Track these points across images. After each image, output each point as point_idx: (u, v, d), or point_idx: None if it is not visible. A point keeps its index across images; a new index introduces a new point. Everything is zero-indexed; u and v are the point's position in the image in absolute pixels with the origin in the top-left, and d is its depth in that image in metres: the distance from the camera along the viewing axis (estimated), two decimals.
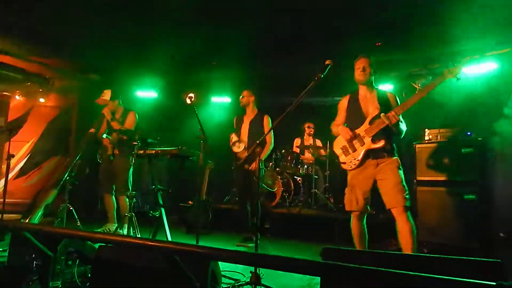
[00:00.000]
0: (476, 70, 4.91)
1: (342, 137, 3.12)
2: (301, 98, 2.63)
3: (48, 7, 4.28)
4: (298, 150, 6.55)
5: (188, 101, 3.81)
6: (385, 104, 2.94)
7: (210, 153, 3.97)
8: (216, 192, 6.34)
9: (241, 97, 4.55)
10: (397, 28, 4.56)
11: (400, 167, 2.89)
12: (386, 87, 5.94)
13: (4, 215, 4.49)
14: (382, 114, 2.83)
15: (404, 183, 2.83)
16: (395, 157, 2.91)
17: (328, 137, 6.50)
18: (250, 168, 4.25)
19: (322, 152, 6.39)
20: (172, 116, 7.21)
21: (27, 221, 3.65)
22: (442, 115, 4.80)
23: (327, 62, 2.64)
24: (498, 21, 4.03)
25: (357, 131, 3.01)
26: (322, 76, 2.62)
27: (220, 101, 7.26)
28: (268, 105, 4.60)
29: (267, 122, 4.42)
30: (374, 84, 3.11)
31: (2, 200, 4.38)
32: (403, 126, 2.91)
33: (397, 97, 3.05)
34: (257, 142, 2.96)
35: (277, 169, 6.21)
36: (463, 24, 3.92)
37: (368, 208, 3.00)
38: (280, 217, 5.33)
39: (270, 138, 4.40)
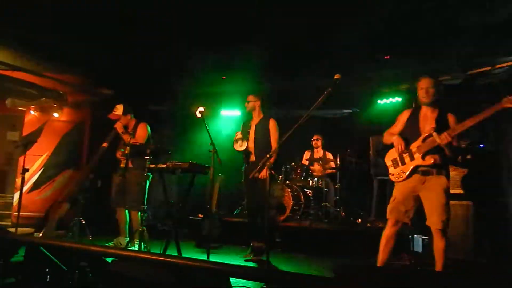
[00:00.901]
0: (487, 81, 4.89)
1: (394, 148, 3.19)
2: (311, 112, 2.65)
3: (63, 26, 4.42)
4: (307, 163, 6.53)
5: (199, 114, 3.85)
6: (442, 125, 2.95)
7: (220, 166, 3.99)
8: (226, 205, 6.34)
9: (246, 102, 4.52)
10: (405, 40, 4.58)
11: (447, 188, 2.93)
12: (395, 99, 5.93)
13: (18, 229, 4.55)
14: (434, 133, 2.88)
15: (448, 205, 2.91)
16: (443, 177, 2.95)
17: (338, 150, 6.49)
18: (259, 176, 4.19)
19: (332, 164, 6.36)
20: (183, 130, 7.28)
21: (40, 234, 3.70)
22: None
23: (336, 77, 2.67)
24: (508, 33, 4.03)
25: (410, 146, 3.08)
26: (331, 90, 2.64)
27: (230, 115, 7.33)
28: (278, 119, 4.59)
29: (274, 126, 4.40)
30: (437, 104, 3.09)
31: (16, 213, 4.44)
32: (457, 149, 2.94)
33: (456, 119, 3.00)
34: (267, 155, 2.98)
35: (287, 182, 6.18)
36: (472, 36, 3.92)
37: (410, 222, 3.08)
38: (290, 231, 5.29)
39: (276, 144, 4.35)
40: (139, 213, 4.20)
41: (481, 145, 3.96)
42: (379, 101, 6.17)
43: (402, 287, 1.20)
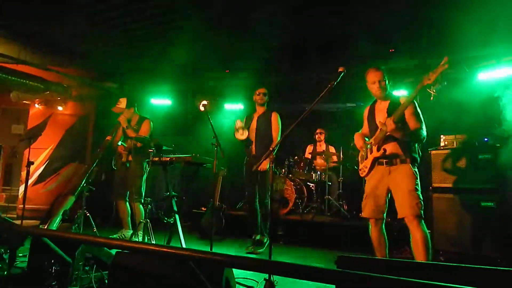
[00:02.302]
0: (492, 76, 4.85)
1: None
2: (314, 105, 2.64)
3: (67, 19, 4.42)
4: (310, 157, 6.53)
5: (202, 108, 3.86)
6: (394, 111, 2.87)
7: (223, 159, 4.00)
8: (229, 198, 6.37)
9: (263, 93, 4.44)
10: (410, 33, 4.54)
11: (414, 174, 2.84)
12: (400, 93, 5.89)
13: (23, 221, 4.60)
14: (380, 122, 2.87)
15: (417, 192, 2.78)
16: (408, 164, 2.85)
17: (341, 143, 6.48)
18: (260, 168, 4.20)
19: (335, 158, 6.35)
20: (186, 123, 7.30)
21: (46, 227, 3.74)
22: (458, 121, 4.72)
23: (340, 70, 2.64)
24: None
25: (371, 140, 3.09)
26: (335, 83, 2.63)
27: (233, 108, 7.32)
28: (281, 112, 4.59)
29: (276, 119, 4.41)
30: (388, 93, 3.05)
31: (21, 206, 4.49)
32: (410, 132, 2.86)
33: (406, 97, 2.92)
34: (270, 149, 2.97)
35: (290, 175, 6.20)
36: (478, 29, 3.88)
37: (384, 215, 2.99)
38: (293, 224, 5.31)
39: (277, 138, 4.32)
40: (141, 205, 4.24)
41: (485, 139, 3.93)
42: None
43: (404, 279, 1.21)
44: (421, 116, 2.91)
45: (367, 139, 3.26)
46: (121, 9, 4.19)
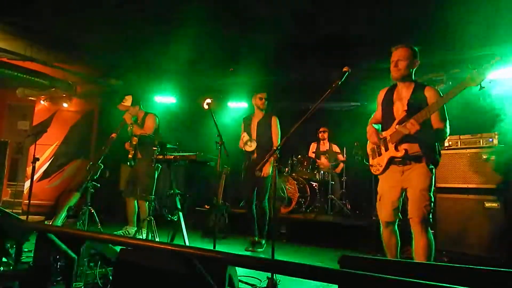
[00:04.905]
0: (499, 75, 4.80)
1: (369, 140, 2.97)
2: (318, 105, 2.62)
3: (72, 16, 4.44)
4: (314, 156, 6.53)
5: (206, 106, 3.87)
6: (416, 105, 2.58)
7: (227, 158, 4.01)
8: (232, 196, 6.38)
9: (265, 98, 4.44)
10: (415, 32, 4.51)
11: (429, 174, 2.60)
12: None
13: (29, 217, 4.64)
14: (397, 126, 2.64)
15: (429, 193, 2.57)
16: (423, 163, 2.61)
17: (344, 143, 6.47)
18: (262, 174, 4.21)
19: (341, 157, 6.34)
20: (190, 121, 7.31)
21: (51, 222, 3.77)
22: (463, 121, 4.70)
23: (344, 69, 2.60)
24: None
25: (385, 133, 2.80)
26: (339, 83, 2.60)
27: (237, 107, 7.32)
28: (284, 111, 4.60)
29: (275, 123, 4.41)
30: (413, 78, 2.72)
31: (27, 201, 4.53)
32: (433, 131, 2.59)
33: (438, 94, 2.59)
34: (274, 148, 2.98)
35: (293, 174, 6.20)
36: (484, 28, 3.86)
37: (400, 216, 2.80)
38: (295, 223, 5.32)
39: (277, 142, 4.35)
40: (147, 203, 4.26)
41: (490, 139, 3.91)
42: None
43: (407, 279, 1.21)
44: (446, 113, 2.63)
45: (377, 126, 2.99)
46: (126, 6, 4.21)
